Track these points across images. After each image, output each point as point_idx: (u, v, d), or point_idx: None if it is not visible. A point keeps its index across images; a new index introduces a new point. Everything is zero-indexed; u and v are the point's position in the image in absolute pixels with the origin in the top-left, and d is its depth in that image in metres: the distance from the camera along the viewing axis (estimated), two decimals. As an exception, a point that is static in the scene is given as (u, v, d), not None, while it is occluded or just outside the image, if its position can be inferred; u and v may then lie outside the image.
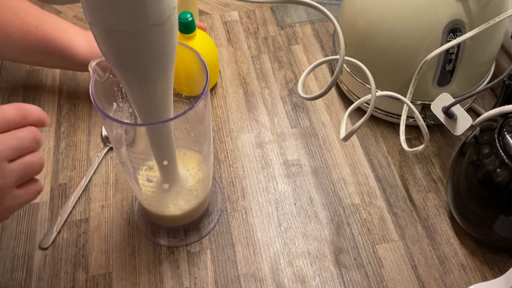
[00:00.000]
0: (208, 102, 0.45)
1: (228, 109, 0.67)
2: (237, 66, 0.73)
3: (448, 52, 0.56)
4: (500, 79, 0.51)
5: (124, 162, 0.48)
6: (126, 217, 0.57)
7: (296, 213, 0.57)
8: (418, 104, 0.61)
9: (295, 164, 0.62)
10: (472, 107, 0.66)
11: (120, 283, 0.52)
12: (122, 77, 0.39)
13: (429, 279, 0.52)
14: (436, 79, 0.58)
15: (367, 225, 0.56)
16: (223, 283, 0.52)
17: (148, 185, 0.51)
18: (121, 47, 0.36)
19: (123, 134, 0.45)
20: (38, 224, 0.56)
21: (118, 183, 0.60)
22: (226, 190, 0.59)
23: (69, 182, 0.60)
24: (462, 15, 0.54)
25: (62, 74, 0.71)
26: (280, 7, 0.81)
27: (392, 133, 0.65)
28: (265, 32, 0.78)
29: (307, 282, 0.52)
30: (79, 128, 0.65)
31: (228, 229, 0.56)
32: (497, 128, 0.48)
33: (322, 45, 0.76)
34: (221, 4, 0.82)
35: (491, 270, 0.53)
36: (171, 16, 0.36)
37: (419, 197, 0.59)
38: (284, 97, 0.69)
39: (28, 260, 0.54)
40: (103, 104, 0.44)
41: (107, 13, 0.34)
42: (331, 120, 0.66)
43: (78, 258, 0.54)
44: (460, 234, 0.55)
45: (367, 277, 0.52)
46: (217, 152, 0.63)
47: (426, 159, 0.62)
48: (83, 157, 0.62)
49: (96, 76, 0.43)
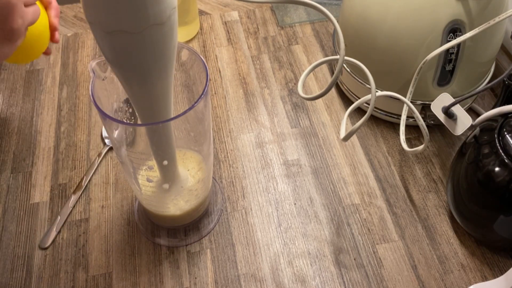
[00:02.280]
0: (208, 102, 0.45)
1: (228, 109, 0.67)
2: (237, 66, 0.73)
3: (448, 52, 0.56)
4: (500, 79, 0.51)
5: (124, 162, 0.48)
6: (126, 217, 0.57)
7: (296, 213, 0.57)
8: (418, 104, 0.61)
9: (295, 164, 0.62)
10: (472, 107, 0.66)
11: (120, 283, 0.52)
12: (122, 77, 0.39)
13: (429, 279, 0.52)
14: (436, 79, 0.58)
15: (367, 225, 0.56)
16: (223, 283, 0.52)
17: (148, 185, 0.51)
18: (121, 47, 0.36)
19: (123, 134, 0.45)
20: (38, 224, 0.56)
21: (118, 183, 0.60)
22: (226, 190, 0.59)
23: (69, 182, 0.60)
24: (462, 15, 0.54)
25: (62, 74, 0.71)
26: (280, 7, 0.81)
27: (392, 133, 0.65)
28: (265, 32, 0.78)
29: (307, 282, 0.52)
30: (79, 128, 0.65)
31: (228, 229, 0.56)
32: (497, 128, 0.48)
33: (322, 45, 0.76)
34: (221, 4, 0.82)
35: (491, 270, 0.53)
36: (171, 16, 0.36)
37: (419, 197, 0.59)
38: (284, 97, 0.69)
39: (28, 260, 0.54)
40: (103, 104, 0.44)
41: (107, 13, 0.34)
42: (331, 120, 0.66)
43: (78, 258, 0.54)
44: (460, 234, 0.56)
45: (367, 277, 0.52)
46: (217, 152, 0.63)
47: (426, 159, 0.62)
48: (83, 157, 0.62)
49: (96, 76, 0.43)
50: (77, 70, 0.72)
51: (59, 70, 0.72)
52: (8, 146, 0.63)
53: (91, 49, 0.75)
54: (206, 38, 0.77)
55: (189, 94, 0.50)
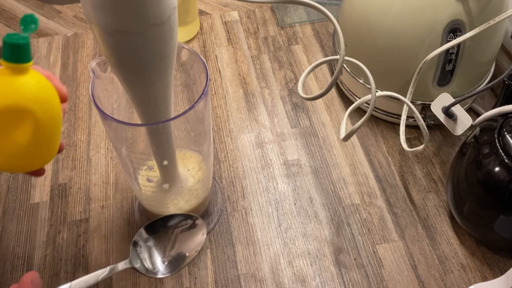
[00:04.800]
0: (208, 102, 0.45)
1: (228, 109, 0.67)
2: (237, 66, 0.73)
3: (448, 52, 0.56)
4: (500, 79, 0.51)
5: (124, 162, 0.48)
6: (126, 217, 0.57)
7: (296, 213, 0.57)
8: (418, 104, 0.61)
9: (295, 164, 0.62)
10: (472, 107, 0.66)
11: (120, 283, 0.52)
12: (122, 77, 0.39)
13: (429, 279, 0.52)
14: (436, 79, 0.58)
15: (367, 225, 0.56)
16: (223, 283, 0.52)
17: (148, 185, 0.51)
18: (121, 47, 0.36)
19: (124, 134, 0.45)
20: (38, 224, 0.56)
21: (118, 183, 0.60)
22: (226, 190, 0.59)
23: (69, 182, 0.60)
24: (462, 15, 0.54)
25: (62, 74, 0.71)
26: (280, 7, 0.81)
27: (392, 133, 0.65)
28: (265, 32, 0.78)
29: (307, 282, 0.52)
30: (79, 128, 0.65)
31: (228, 229, 0.56)
32: (497, 128, 0.48)
33: (322, 45, 0.76)
34: (221, 4, 0.82)
35: (491, 270, 0.53)
36: (171, 16, 0.36)
37: (419, 197, 0.59)
38: (284, 97, 0.69)
39: (28, 260, 0.54)
40: (103, 104, 0.44)
41: (107, 13, 0.34)
42: (331, 120, 0.66)
43: (78, 258, 0.54)
44: (460, 234, 0.56)
45: (367, 277, 0.52)
46: (217, 152, 0.63)
47: (426, 159, 0.62)
48: (83, 157, 0.62)
49: (96, 76, 0.43)
50: (77, 70, 0.72)
51: (59, 70, 0.72)
52: (8, 146, 0.63)
53: (91, 49, 0.75)
54: (206, 38, 0.77)
55: (189, 94, 0.50)
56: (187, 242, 0.50)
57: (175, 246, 0.49)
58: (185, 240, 0.50)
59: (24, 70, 0.33)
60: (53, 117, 0.35)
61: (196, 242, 0.50)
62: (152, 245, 0.49)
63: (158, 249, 0.49)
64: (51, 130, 0.35)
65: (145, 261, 0.48)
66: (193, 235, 0.50)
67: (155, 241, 0.49)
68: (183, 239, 0.50)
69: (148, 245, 0.49)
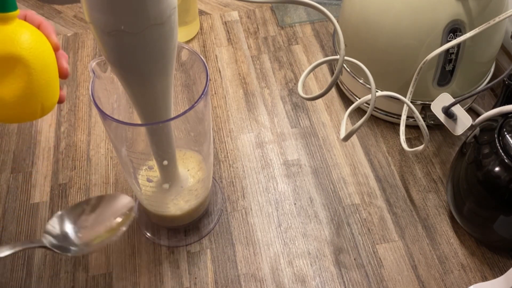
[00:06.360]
0: (208, 102, 0.45)
1: (228, 109, 0.67)
2: (237, 66, 0.73)
3: (448, 52, 0.56)
4: (500, 79, 0.51)
5: (124, 162, 0.48)
6: (126, 217, 0.57)
7: (296, 213, 0.57)
8: (418, 104, 0.61)
9: (295, 164, 0.62)
10: (472, 107, 0.66)
11: (120, 283, 0.52)
12: (122, 77, 0.39)
13: (429, 279, 0.52)
14: (436, 79, 0.58)
15: (367, 225, 0.56)
16: (223, 283, 0.52)
17: (148, 185, 0.51)
18: (121, 47, 0.36)
19: (124, 134, 0.45)
20: (38, 224, 0.56)
21: (118, 183, 0.60)
22: (226, 190, 0.59)
23: (69, 182, 0.60)
24: (462, 15, 0.54)
25: (62, 74, 0.71)
26: (280, 7, 0.81)
27: (392, 133, 0.65)
28: (265, 32, 0.78)
29: (307, 282, 0.52)
30: (79, 128, 0.65)
31: (228, 229, 0.56)
32: (497, 128, 0.48)
33: (322, 45, 0.76)
34: (221, 4, 0.82)
35: (491, 270, 0.53)
36: (171, 16, 0.36)
37: (419, 197, 0.59)
38: (284, 97, 0.69)
39: (28, 260, 0.54)
40: (103, 104, 0.44)
41: (107, 13, 0.34)
42: (331, 120, 0.66)
43: (78, 258, 0.54)
44: (460, 234, 0.56)
45: (367, 277, 0.52)
46: (217, 152, 0.63)
47: (426, 159, 0.62)
48: (83, 157, 0.62)
49: (96, 76, 0.43)
50: (77, 70, 0.72)
51: (59, 70, 0.72)
52: (8, 146, 0.63)
53: (91, 49, 0.75)
54: (206, 38, 0.77)
55: (189, 94, 0.50)
56: (107, 208, 0.43)
57: (92, 213, 0.43)
58: (105, 206, 0.43)
59: (11, 19, 0.32)
60: (46, 63, 0.35)
61: (119, 206, 0.43)
62: (65, 214, 0.42)
63: (69, 219, 0.42)
64: (46, 76, 0.35)
65: (56, 237, 0.41)
66: (115, 199, 0.44)
67: (67, 212, 0.42)
68: (102, 205, 0.43)
69: (62, 225, 0.42)
